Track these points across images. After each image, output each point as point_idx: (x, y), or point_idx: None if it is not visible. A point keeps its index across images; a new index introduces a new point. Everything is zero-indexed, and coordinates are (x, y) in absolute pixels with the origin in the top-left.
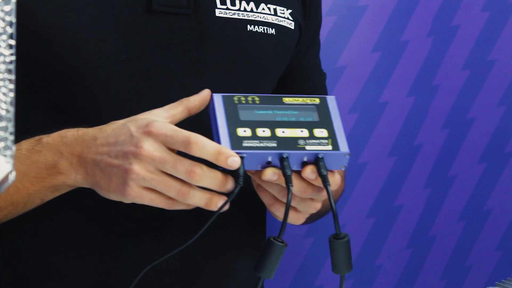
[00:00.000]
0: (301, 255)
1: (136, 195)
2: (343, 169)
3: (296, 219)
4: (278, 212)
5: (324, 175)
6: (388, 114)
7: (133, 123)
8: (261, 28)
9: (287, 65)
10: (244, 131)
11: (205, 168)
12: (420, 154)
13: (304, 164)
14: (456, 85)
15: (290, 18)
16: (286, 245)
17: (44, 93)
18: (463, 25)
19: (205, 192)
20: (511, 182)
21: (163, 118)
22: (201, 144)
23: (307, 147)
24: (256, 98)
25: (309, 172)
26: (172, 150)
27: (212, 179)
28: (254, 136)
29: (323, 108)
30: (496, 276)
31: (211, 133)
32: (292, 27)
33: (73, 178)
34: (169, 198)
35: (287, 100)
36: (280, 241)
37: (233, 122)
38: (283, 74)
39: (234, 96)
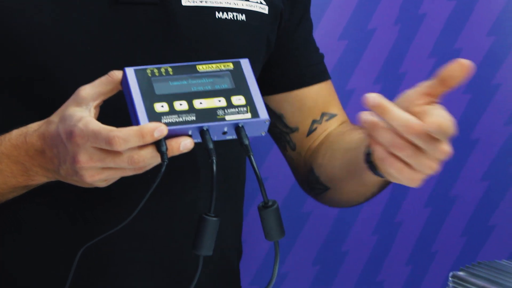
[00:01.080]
0: (266, 243)
1: (105, 184)
2: (263, 134)
3: (411, 179)
4: (390, 168)
5: (246, 144)
6: (355, 101)
7: (62, 127)
8: (230, 14)
9: (275, 48)
10: (162, 106)
11: (140, 152)
12: None
13: (224, 134)
14: (422, 73)
15: (263, 2)
16: (219, 219)
17: (10, 87)
18: (430, 13)
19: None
20: (477, 169)
21: (91, 99)
22: (123, 139)
23: (227, 117)
24: (170, 69)
25: None
26: None
27: (153, 157)
28: (172, 111)
29: (237, 73)
30: (461, 262)
31: None
32: (266, 12)
33: (46, 180)
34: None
35: (201, 67)
36: (213, 216)
37: (149, 97)
38: (274, 57)
39: (146, 69)
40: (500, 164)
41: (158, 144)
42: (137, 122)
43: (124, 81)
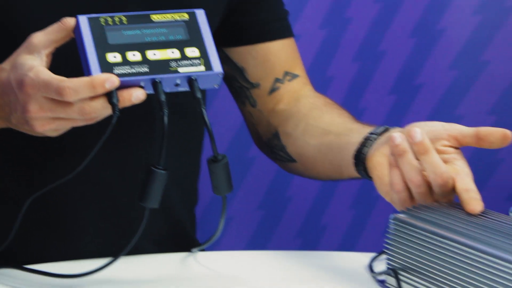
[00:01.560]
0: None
1: (56, 133)
2: (216, 87)
3: (404, 206)
4: (396, 194)
5: (199, 97)
6: (301, 46)
7: (13, 75)
8: None
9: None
10: (114, 56)
11: (91, 103)
12: (332, 86)
13: (177, 85)
14: (368, 17)
15: None
16: (167, 171)
17: None
18: None
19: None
20: (422, 112)
21: (43, 47)
22: (73, 90)
23: (180, 70)
24: (123, 18)
25: None
26: None
27: (104, 108)
28: (125, 62)
29: (192, 24)
30: None
31: None
32: None
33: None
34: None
35: (155, 17)
36: (161, 169)
37: (102, 47)
38: (239, 8)
39: (100, 17)
40: (445, 108)
41: (110, 95)
42: (88, 72)
43: (77, 29)
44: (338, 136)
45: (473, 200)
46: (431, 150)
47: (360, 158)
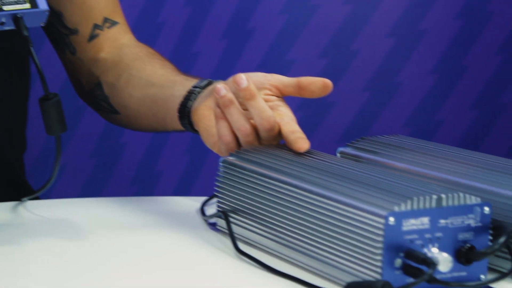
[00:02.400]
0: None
1: None
2: (42, 25)
3: (220, 150)
4: (224, 145)
5: (26, 35)
6: None
7: None
8: None
9: None
10: None
11: None
12: (163, 32)
13: (2, 24)
14: None
15: None
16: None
17: None
18: None
19: None
20: (253, 56)
21: None
22: None
23: (5, 8)
24: None
25: None
26: None
27: None
28: None
29: None
30: None
31: None
32: None
33: None
34: None
35: None
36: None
37: None
38: None
39: None
40: (276, 52)
41: None
42: None
43: None
44: (162, 88)
45: (300, 139)
46: (257, 95)
47: (184, 111)
